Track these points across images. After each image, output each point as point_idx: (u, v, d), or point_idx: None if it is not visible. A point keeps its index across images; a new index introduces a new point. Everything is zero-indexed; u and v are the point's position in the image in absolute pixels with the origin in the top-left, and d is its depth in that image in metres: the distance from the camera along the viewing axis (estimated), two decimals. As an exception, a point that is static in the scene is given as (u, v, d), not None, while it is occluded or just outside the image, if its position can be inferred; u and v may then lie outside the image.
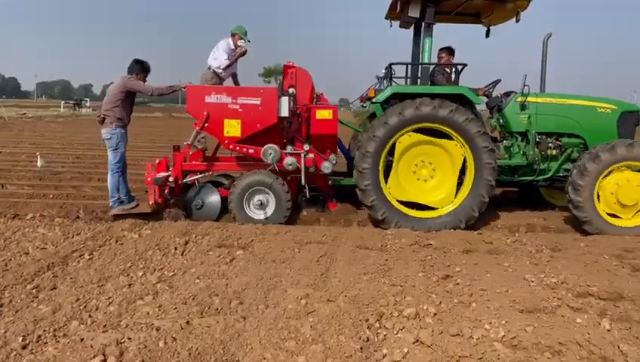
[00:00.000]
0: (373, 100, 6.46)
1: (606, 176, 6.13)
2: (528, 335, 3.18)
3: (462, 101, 6.24)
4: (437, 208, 6.33)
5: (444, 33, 7.69)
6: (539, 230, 6.55)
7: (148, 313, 3.49)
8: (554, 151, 6.82)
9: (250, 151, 6.31)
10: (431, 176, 6.37)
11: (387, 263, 4.65)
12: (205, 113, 6.16)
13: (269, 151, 6.18)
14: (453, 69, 7.01)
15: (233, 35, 7.38)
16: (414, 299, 3.74)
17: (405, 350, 2.97)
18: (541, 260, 4.86)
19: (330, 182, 6.84)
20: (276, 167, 6.25)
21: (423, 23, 6.75)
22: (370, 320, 3.35)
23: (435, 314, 3.48)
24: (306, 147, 6.35)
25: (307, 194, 6.63)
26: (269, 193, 6.31)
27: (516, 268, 4.57)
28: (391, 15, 7.17)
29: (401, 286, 4.05)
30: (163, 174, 6.29)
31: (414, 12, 6.41)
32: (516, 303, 3.71)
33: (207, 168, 6.69)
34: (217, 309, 3.60)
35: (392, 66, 6.87)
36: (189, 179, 6.57)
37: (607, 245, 5.45)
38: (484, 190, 6.17)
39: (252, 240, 5.33)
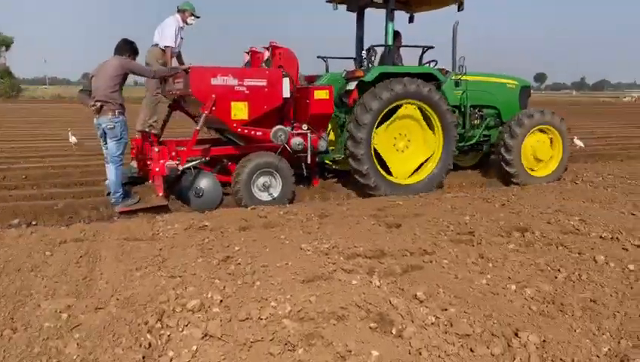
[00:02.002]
0: (363, 79, 6.76)
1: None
2: (313, 305, 3.24)
3: (427, 79, 6.96)
4: (416, 172, 7.12)
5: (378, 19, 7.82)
6: (481, 184, 7.94)
7: None
8: (477, 121, 7.95)
9: (258, 133, 6.18)
10: (407, 146, 7.07)
11: (162, 253, 4.26)
12: (213, 96, 5.78)
13: (279, 132, 6.16)
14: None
15: (182, 12, 7.07)
16: (197, 289, 3.47)
17: (194, 348, 2.71)
18: (312, 228, 5.09)
19: (317, 159, 6.96)
20: (288, 147, 6.24)
21: (386, 7, 7.20)
22: (150, 321, 2.97)
23: (222, 301, 3.28)
24: (305, 127, 6.43)
25: (305, 172, 6.74)
26: (275, 174, 6.26)
27: (292, 238, 4.67)
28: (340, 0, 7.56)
29: (180, 276, 3.73)
30: (172, 163, 5.76)
31: None
32: (297, 274, 3.77)
33: (206, 154, 6.33)
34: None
35: (369, 50, 7.30)
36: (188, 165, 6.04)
37: (364, 207, 6.03)
38: (450, 158, 7.16)
39: (-15, 249, 4.30)
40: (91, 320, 3.01)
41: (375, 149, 6.80)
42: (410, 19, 8.14)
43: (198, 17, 7.30)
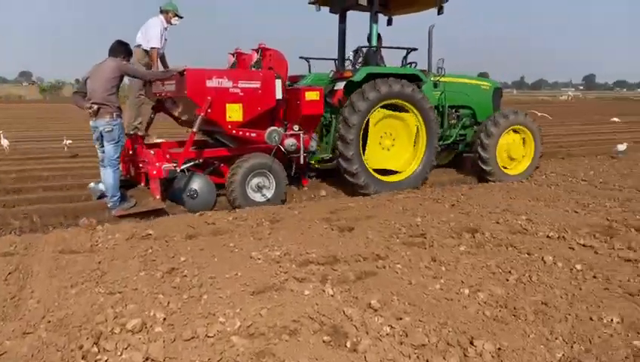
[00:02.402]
0: (352, 79, 6.83)
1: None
2: (264, 319, 3.08)
3: (410, 80, 7.15)
4: (400, 172, 7.26)
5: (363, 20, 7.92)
6: (456, 182, 8.13)
7: None
8: (454, 121, 8.26)
9: (253, 135, 6.23)
10: (392, 145, 7.21)
11: (100, 266, 3.98)
12: (209, 98, 5.78)
13: (274, 133, 6.23)
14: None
15: (166, 12, 6.97)
16: (138, 306, 3.24)
17: (134, 374, 2.50)
18: (263, 234, 4.92)
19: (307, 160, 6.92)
20: (282, 148, 6.34)
21: (370, 10, 7.35)
22: (85, 346, 2.73)
23: (165, 319, 3.07)
24: (296, 128, 6.50)
25: (292, 172, 6.80)
26: (269, 175, 6.31)
27: (242, 246, 4.49)
28: (320, 1, 7.70)
29: (120, 292, 3.48)
30: (169, 165, 5.70)
31: (363, 1, 6.99)
32: (247, 286, 3.60)
33: (200, 156, 6.29)
34: None
35: (356, 51, 7.66)
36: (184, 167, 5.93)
37: (316, 210, 5.91)
38: (433, 155, 7.38)
39: None
40: (18, 347, 2.74)
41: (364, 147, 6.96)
42: (389, 22, 8.27)
43: (181, 17, 7.21)
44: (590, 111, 29.93)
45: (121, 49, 5.85)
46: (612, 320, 3.04)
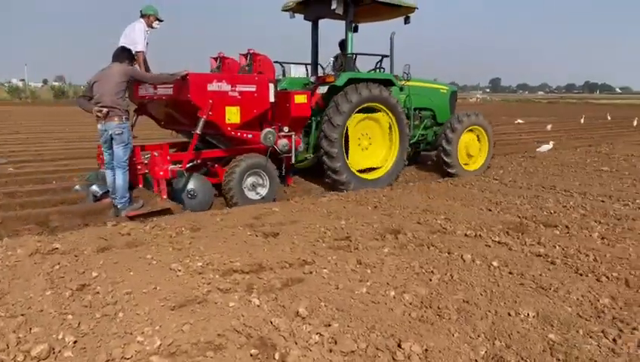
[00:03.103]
0: (334, 84, 7.29)
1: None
2: (186, 335, 2.91)
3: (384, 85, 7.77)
4: (379, 168, 7.93)
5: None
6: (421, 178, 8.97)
7: None
8: (418, 122, 8.96)
9: (249, 136, 6.55)
10: (370, 144, 7.85)
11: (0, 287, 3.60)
12: (210, 101, 6.06)
13: (269, 135, 6.61)
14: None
15: (147, 16, 6.99)
16: (45, 329, 2.95)
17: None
18: (183, 244, 4.69)
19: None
20: (277, 149, 6.75)
21: (345, 18, 7.76)
22: (-20, 379, 2.43)
23: (76, 342, 2.81)
24: (286, 129, 6.86)
25: (282, 172, 7.10)
26: (263, 174, 6.67)
27: (160, 258, 4.25)
28: (295, 8, 8.11)
29: (23, 315, 3.15)
30: (175, 166, 5.98)
31: (339, 10, 7.34)
32: (167, 300, 3.40)
33: (198, 156, 6.53)
34: None
35: (336, 57, 8.39)
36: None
37: (239, 216, 5.75)
38: (404, 154, 8.07)
39: None
40: None
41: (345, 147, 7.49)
42: (355, 29, 8.48)
43: (161, 21, 7.26)
44: (497, 113, 31.86)
45: (125, 54, 5.99)
46: (528, 314, 3.18)
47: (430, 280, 3.81)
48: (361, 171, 7.74)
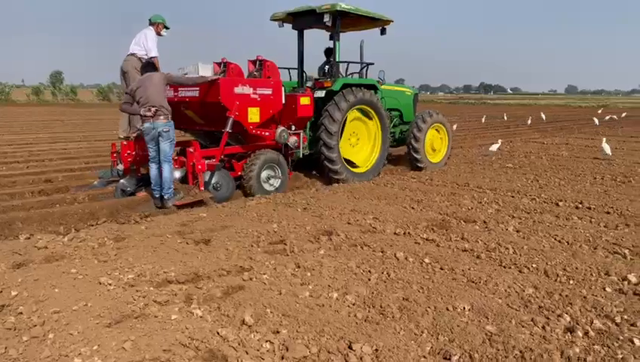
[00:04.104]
0: (331, 88, 8.16)
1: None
2: (129, 353, 2.76)
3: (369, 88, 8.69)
4: (359, 166, 8.83)
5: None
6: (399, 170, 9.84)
7: None
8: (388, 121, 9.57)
9: (266, 133, 7.38)
10: (357, 142, 8.88)
11: None
12: (237, 103, 6.80)
13: (283, 133, 7.47)
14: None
15: (156, 24, 7.75)
16: (-36, 360, 2.66)
17: None
18: (109, 255, 4.43)
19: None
20: (290, 145, 7.72)
21: (333, 30, 8.51)
22: None
23: (3, 372, 2.57)
24: (293, 128, 7.70)
25: (289, 166, 7.97)
26: (277, 168, 7.51)
27: (86, 272, 3.98)
28: (284, 18, 8.79)
29: None
30: (211, 161, 6.72)
31: (329, 22, 8.08)
32: (102, 317, 3.20)
33: (222, 153, 7.02)
34: None
35: (331, 65, 8.84)
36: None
37: (165, 223, 5.53)
38: (385, 152, 9.14)
39: None
40: None
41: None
42: (332, 37, 9.16)
43: (168, 28, 8.07)
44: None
45: (152, 66, 6.78)
46: (464, 308, 3.36)
47: (369, 279, 3.91)
48: (348, 163, 8.61)
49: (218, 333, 3.00)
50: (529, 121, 23.63)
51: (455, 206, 6.45)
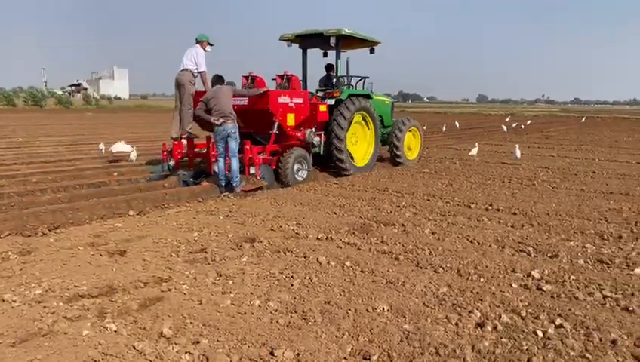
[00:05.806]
0: (340, 98, 9.83)
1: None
2: (35, 374, 2.58)
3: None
4: (358, 161, 10.44)
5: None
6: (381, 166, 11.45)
7: None
8: None
9: (299, 134, 9.04)
10: (356, 142, 10.49)
11: None
12: (281, 110, 8.55)
13: (311, 134, 9.15)
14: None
15: (202, 42, 8.90)
16: None
17: None
18: (13, 270, 4.14)
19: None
20: (315, 145, 9.47)
21: (335, 50, 10.28)
22: None
23: None
24: (314, 130, 9.30)
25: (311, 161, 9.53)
26: (304, 162, 9.13)
27: (-14, 289, 3.68)
28: (293, 40, 10.49)
29: None
30: (264, 155, 8.43)
31: (333, 43, 9.88)
32: (5, 336, 2.98)
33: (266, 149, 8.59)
34: None
35: (338, 78, 10.59)
36: None
37: (76, 235, 5.25)
38: (378, 149, 11.04)
39: None
40: None
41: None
42: (325, 55, 11.47)
43: (212, 45, 9.11)
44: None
45: (222, 79, 8.10)
46: (384, 309, 3.47)
47: (292, 285, 3.92)
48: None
49: (134, 347, 2.88)
50: (444, 128, 24.79)
51: (375, 210, 6.63)
